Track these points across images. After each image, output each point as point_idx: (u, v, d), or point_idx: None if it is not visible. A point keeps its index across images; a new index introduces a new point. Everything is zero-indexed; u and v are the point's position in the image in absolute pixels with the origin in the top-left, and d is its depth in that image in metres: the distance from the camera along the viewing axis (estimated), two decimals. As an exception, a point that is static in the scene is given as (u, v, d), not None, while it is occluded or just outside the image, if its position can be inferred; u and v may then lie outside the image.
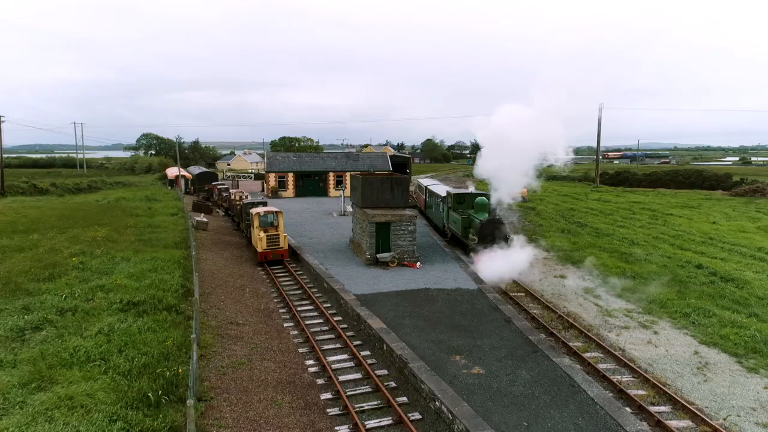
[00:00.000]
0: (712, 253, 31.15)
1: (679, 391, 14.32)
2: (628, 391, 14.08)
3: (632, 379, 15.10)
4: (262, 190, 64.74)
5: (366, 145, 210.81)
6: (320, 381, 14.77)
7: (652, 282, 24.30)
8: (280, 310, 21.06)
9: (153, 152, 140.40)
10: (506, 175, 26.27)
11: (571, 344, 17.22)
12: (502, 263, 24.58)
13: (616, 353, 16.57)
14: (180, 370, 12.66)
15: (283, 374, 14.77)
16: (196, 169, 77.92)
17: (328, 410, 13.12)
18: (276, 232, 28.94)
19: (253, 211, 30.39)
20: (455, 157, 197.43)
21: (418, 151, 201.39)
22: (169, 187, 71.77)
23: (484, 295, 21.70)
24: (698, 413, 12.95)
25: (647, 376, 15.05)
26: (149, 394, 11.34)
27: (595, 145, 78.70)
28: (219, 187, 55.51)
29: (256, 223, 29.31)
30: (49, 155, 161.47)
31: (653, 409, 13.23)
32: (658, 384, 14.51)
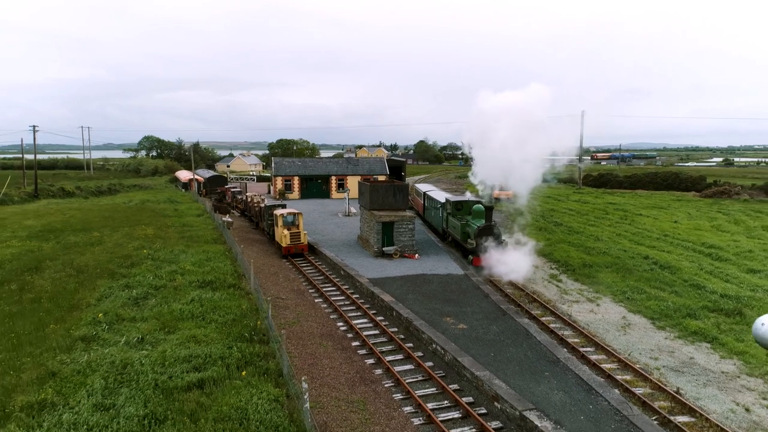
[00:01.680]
0: (662, 247, 37.22)
1: (603, 341, 20.30)
2: (567, 340, 20.04)
3: (572, 333, 21.09)
4: (268, 192, 70.36)
5: (360, 146, 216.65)
6: (349, 335, 20.61)
7: (605, 269, 30.33)
8: (309, 291, 26.86)
9: (154, 154, 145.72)
10: (514, 181, 30.13)
11: (532, 312, 23.17)
12: (497, 264, 28.85)
13: (564, 317, 22.56)
14: (258, 323, 18.48)
15: (323, 330, 20.62)
16: (206, 173, 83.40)
17: (358, 351, 18.98)
18: (297, 230, 34.72)
19: (277, 212, 36.15)
20: (447, 159, 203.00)
21: (411, 152, 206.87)
22: (183, 190, 77.32)
23: (469, 279, 27.62)
24: (612, 351, 18.97)
25: (583, 331, 21.04)
26: (245, 334, 17.18)
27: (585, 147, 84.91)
28: (232, 189, 61.22)
29: (280, 222, 35.06)
30: (49, 156, 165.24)
31: (582, 349, 19.22)
32: (590, 336, 20.51)
